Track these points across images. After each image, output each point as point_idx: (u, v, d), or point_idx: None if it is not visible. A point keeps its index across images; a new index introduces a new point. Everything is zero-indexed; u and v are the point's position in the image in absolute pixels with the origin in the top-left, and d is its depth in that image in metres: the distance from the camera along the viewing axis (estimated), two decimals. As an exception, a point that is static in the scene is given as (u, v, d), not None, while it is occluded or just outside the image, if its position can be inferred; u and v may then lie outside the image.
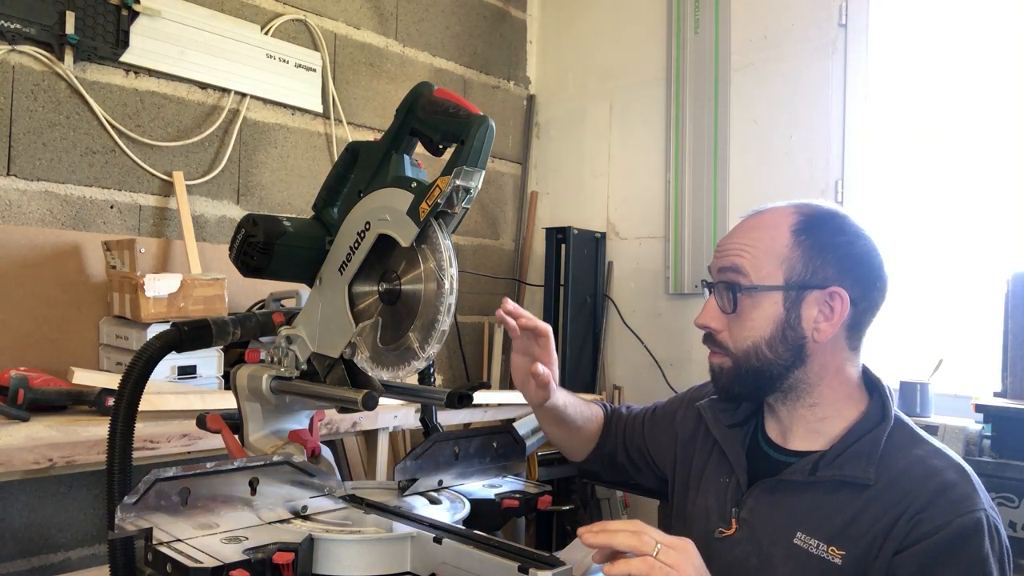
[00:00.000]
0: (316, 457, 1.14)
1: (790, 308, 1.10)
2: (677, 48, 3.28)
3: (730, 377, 1.15)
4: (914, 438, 1.11)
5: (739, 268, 1.13)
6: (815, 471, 1.09)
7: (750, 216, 1.18)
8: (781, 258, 1.11)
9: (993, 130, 2.53)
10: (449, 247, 1.00)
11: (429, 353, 1.02)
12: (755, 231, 1.15)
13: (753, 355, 1.12)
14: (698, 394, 1.38)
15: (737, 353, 1.14)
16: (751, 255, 1.12)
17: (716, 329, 1.16)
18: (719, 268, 1.16)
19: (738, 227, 1.18)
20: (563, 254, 3.30)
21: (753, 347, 1.12)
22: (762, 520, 1.12)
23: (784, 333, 1.10)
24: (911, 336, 2.69)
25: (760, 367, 1.12)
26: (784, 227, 1.12)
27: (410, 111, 1.08)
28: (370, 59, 3.18)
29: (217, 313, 2.08)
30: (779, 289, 1.10)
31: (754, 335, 1.12)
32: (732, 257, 1.14)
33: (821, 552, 1.04)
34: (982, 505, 1.01)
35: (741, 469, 1.18)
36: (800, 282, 1.10)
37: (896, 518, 1.01)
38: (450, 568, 0.90)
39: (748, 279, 1.12)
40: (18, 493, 2.24)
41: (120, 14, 2.42)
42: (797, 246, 1.10)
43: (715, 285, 1.16)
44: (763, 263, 1.11)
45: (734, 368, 1.14)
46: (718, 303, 1.15)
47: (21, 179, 2.28)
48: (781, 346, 1.11)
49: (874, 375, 1.18)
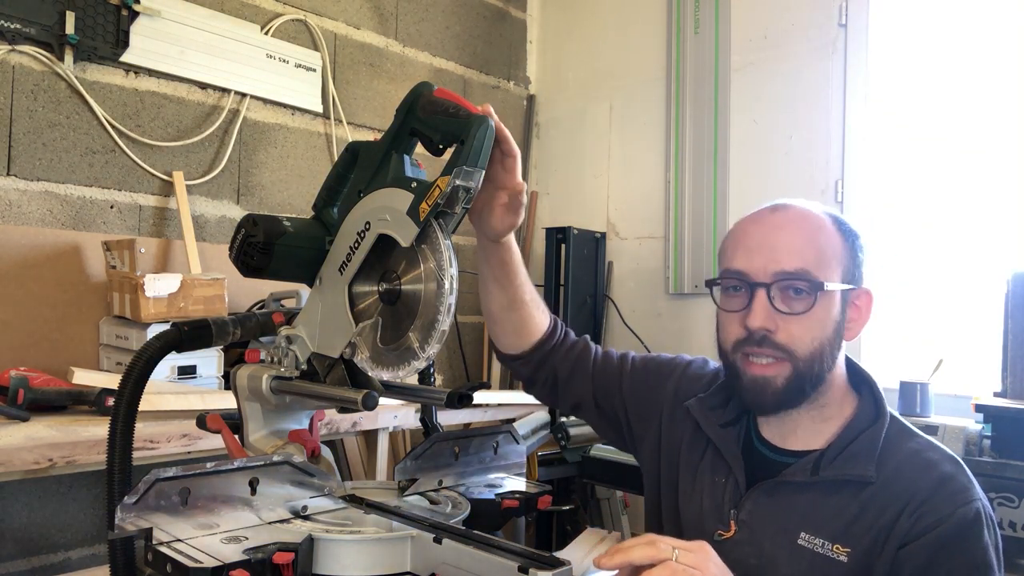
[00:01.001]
0: (316, 457, 1.14)
1: (844, 308, 1.12)
2: (677, 48, 3.28)
3: (789, 384, 1.09)
4: (906, 432, 1.12)
5: (808, 272, 1.08)
6: (816, 471, 1.09)
7: (778, 211, 1.13)
8: (839, 258, 1.11)
9: (993, 130, 2.53)
10: (449, 247, 1.00)
11: (429, 353, 1.02)
12: (806, 227, 1.11)
13: (818, 358, 1.09)
14: (690, 377, 1.31)
15: (802, 356, 1.08)
16: (815, 253, 1.09)
17: (771, 330, 1.09)
18: (779, 269, 1.08)
19: (773, 222, 1.12)
20: (563, 254, 3.29)
21: (819, 349, 1.09)
22: (763, 521, 1.12)
23: (838, 334, 1.11)
24: (911, 336, 2.69)
25: (820, 371, 1.10)
26: (831, 227, 1.12)
27: (410, 111, 1.08)
28: (370, 59, 3.18)
29: (217, 313, 2.08)
30: (840, 288, 1.11)
31: (821, 336, 1.09)
32: (794, 255, 1.08)
33: (826, 551, 1.05)
34: (978, 495, 1.03)
35: (739, 469, 1.17)
36: (851, 281, 1.12)
37: (898, 513, 1.02)
38: (450, 568, 0.90)
39: (818, 276, 1.08)
40: (18, 493, 2.24)
41: (120, 14, 2.42)
42: (845, 247, 1.12)
43: (771, 285, 1.08)
44: (829, 262, 1.10)
45: (795, 375, 1.09)
46: (779, 305, 1.08)
47: (21, 179, 2.29)
48: (836, 348, 1.11)
49: (861, 369, 1.18)
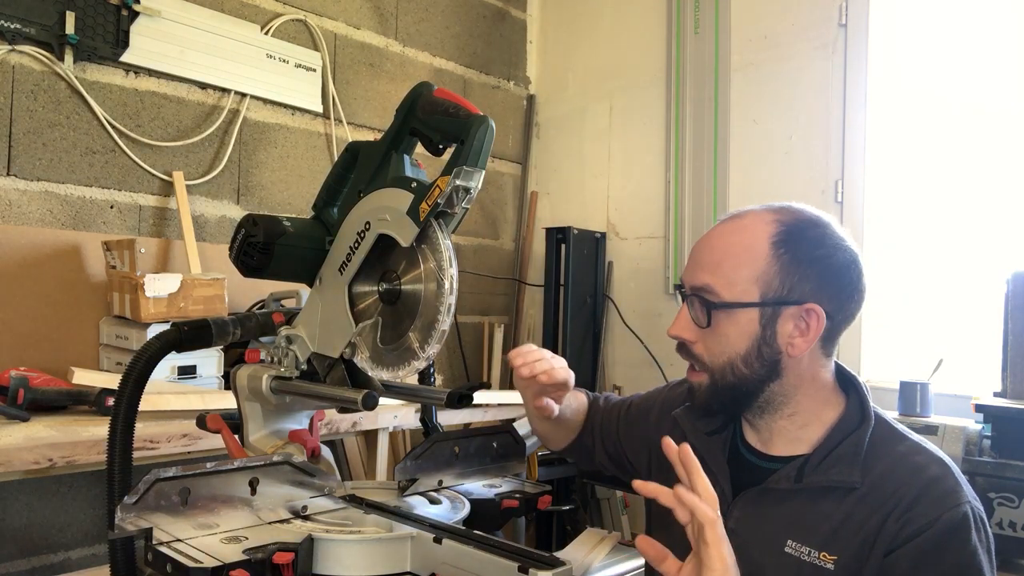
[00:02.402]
0: (316, 457, 1.14)
1: (766, 324, 1.07)
2: (677, 48, 3.28)
3: (707, 394, 1.13)
4: (894, 435, 1.10)
5: (712, 283, 1.08)
6: (800, 478, 1.08)
7: (727, 220, 1.13)
8: (757, 273, 1.06)
9: (993, 130, 2.53)
10: (449, 247, 1.00)
11: (429, 353, 1.02)
12: (731, 241, 1.10)
13: (729, 371, 1.09)
14: (672, 394, 1.35)
15: (713, 368, 1.11)
16: (726, 269, 1.08)
17: (690, 340, 1.12)
18: (692, 282, 1.11)
19: (714, 233, 1.13)
20: (563, 254, 3.29)
21: (728, 363, 1.09)
22: (750, 530, 1.11)
23: (760, 349, 1.08)
24: (911, 336, 2.69)
25: (736, 383, 1.10)
26: (763, 238, 1.07)
27: (410, 111, 1.08)
28: (370, 59, 3.18)
29: (217, 313, 2.08)
30: (755, 306, 1.07)
31: (729, 351, 1.09)
32: (706, 270, 1.10)
33: (813, 559, 1.04)
34: (967, 498, 1.01)
35: (725, 478, 1.16)
36: (776, 298, 1.06)
37: (884, 518, 1.01)
38: (450, 568, 0.90)
39: (722, 295, 1.08)
40: (18, 493, 2.24)
41: (120, 14, 2.42)
42: (775, 260, 1.06)
43: (688, 297, 1.12)
44: (738, 278, 1.07)
45: (711, 385, 1.12)
46: (692, 316, 1.11)
47: (21, 179, 2.28)
48: (756, 362, 1.08)
49: (848, 372, 1.16)
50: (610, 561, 1.12)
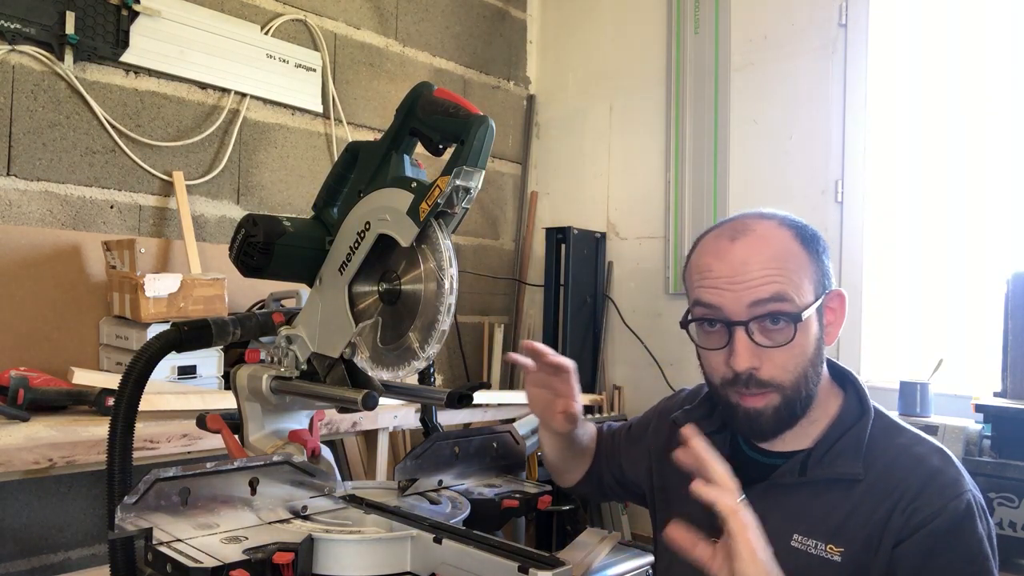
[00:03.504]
0: (316, 457, 1.14)
1: (819, 321, 1.09)
2: (677, 48, 3.28)
3: (781, 412, 1.07)
4: (894, 427, 1.12)
5: (784, 295, 1.04)
6: (804, 472, 1.09)
7: (742, 237, 1.08)
8: (808, 274, 1.07)
9: (993, 130, 2.53)
10: (449, 247, 1.00)
11: (429, 353, 1.02)
12: (771, 252, 1.06)
13: (803, 381, 1.07)
14: (669, 404, 1.37)
15: (788, 384, 1.06)
16: (788, 278, 1.05)
17: (756, 368, 1.06)
18: (754, 299, 1.04)
19: (739, 251, 1.07)
20: (563, 254, 3.30)
21: (804, 373, 1.06)
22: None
23: (819, 348, 1.09)
24: (911, 336, 2.69)
25: (809, 392, 1.08)
26: (794, 242, 1.08)
27: (410, 111, 1.08)
28: (370, 59, 3.18)
29: (217, 313, 2.08)
30: (814, 306, 1.06)
31: (804, 360, 1.06)
32: (769, 286, 1.04)
33: (820, 551, 1.05)
34: (968, 487, 1.03)
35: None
36: (821, 292, 1.09)
37: (891, 510, 1.02)
38: (450, 568, 0.90)
39: (796, 304, 1.04)
40: (18, 493, 2.24)
41: (120, 14, 2.42)
42: (811, 258, 1.08)
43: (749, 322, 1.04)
44: (801, 283, 1.05)
45: (784, 402, 1.07)
46: (760, 340, 1.05)
47: (21, 179, 2.29)
48: (819, 362, 1.09)
49: (841, 367, 1.17)
50: (610, 561, 1.11)
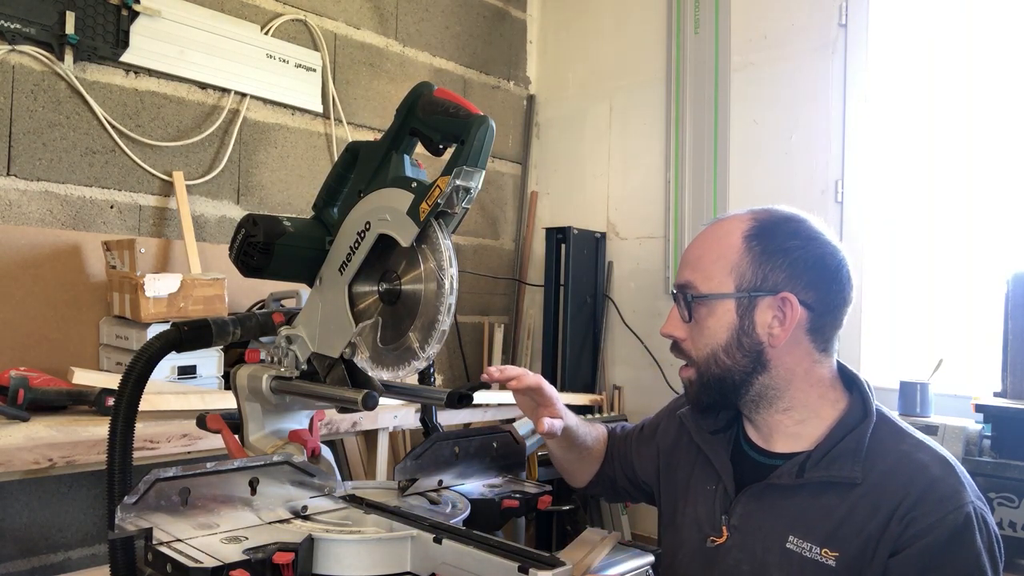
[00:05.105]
0: (316, 457, 1.14)
1: (743, 315, 1.12)
2: (677, 48, 3.28)
3: (696, 388, 1.19)
4: (898, 433, 1.11)
5: (692, 279, 1.17)
6: (802, 473, 1.09)
7: (711, 224, 1.22)
8: (731, 265, 1.13)
9: (993, 129, 2.53)
10: (449, 247, 1.00)
11: (429, 353, 1.02)
12: (710, 239, 1.18)
13: (712, 362, 1.15)
14: (678, 403, 1.39)
15: (699, 361, 1.17)
16: (704, 264, 1.16)
17: (680, 338, 1.20)
18: (677, 281, 1.21)
19: (698, 236, 1.22)
20: (563, 254, 3.30)
21: (712, 354, 1.15)
22: (753, 526, 1.11)
23: (740, 339, 1.13)
24: (911, 336, 2.69)
25: (721, 374, 1.15)
26: (737, 234, 1.15)
27: (410, 111, 1.08)
28: (370, 59, 3.18)
29: (217, 313, 2.08)
30: (730, 296, 1.13)
31: (712, 342, 1.15)
32: (687, 268, 1.19)
33: (815, 555, 1.04)
34: (969, 499, 1.01)
35: (727, 475, 1.18)
36: (750, 288, 1.12)
37: (887, 518, 1.01)
38: (450, 568, 0.90)
39: (700, 289, 1.15)
40: (18, 493, 2.24)
41: (120, 14, 2.42)
42: (747, 252, 1.13)
43: (676, 295, 1.21)
44: (714, 271, 1.14)
45: (698, 378, 1.18)
46: (679, 312, 1.19)
47: (21, 179, 2.28)
48: (738, 352, 1.13)
49: (850, 371, 1.18)
50: (610, 561, 1.11)
